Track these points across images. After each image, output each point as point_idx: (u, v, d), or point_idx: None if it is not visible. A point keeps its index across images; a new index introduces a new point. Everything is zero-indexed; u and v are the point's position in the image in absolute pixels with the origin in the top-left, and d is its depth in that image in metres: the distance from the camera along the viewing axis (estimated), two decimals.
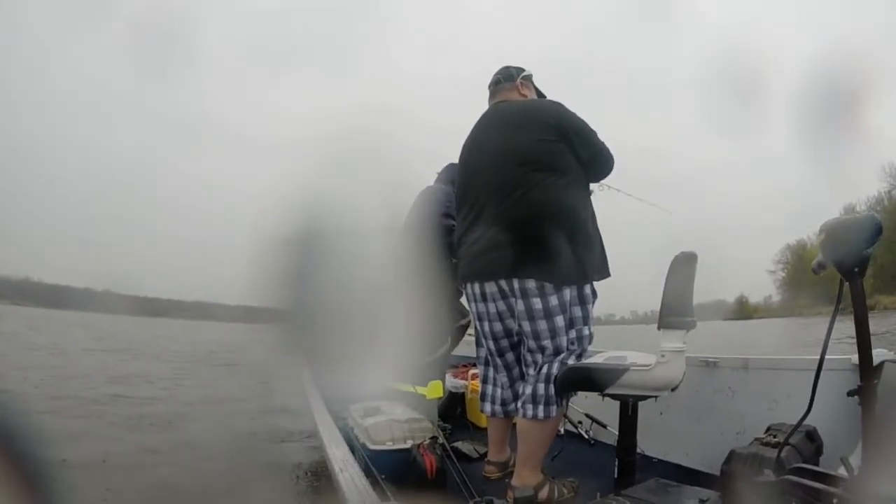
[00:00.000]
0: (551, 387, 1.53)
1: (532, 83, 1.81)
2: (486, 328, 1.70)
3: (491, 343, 1.72)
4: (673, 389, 1.42)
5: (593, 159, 1.61)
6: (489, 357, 1.76)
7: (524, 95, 1.77)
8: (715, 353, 1.85)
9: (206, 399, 4.93)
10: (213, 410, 4.44)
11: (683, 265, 1.43)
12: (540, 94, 1.83)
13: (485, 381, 1.80)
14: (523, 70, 1.80)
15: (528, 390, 1.56)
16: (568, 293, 1.55)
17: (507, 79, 1.78)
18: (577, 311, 1.59)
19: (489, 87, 1.82)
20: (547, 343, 1.55)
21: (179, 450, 3.13)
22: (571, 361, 1.54)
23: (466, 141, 1.78)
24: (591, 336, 1.63)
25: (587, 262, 1.57)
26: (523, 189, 1.54)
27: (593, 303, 1.64)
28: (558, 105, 1.66)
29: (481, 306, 1.68)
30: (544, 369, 1.55)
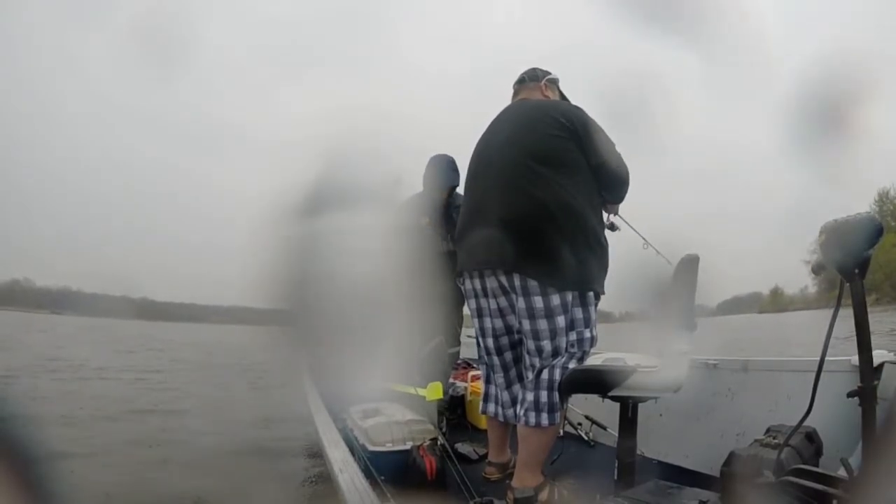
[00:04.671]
0: (554, 394, 1.52)
1: (557, 87, 1.81)
2: (486, 324, 1.69)
3: (490, 341, 1.70)
4: (676, 390, 1.42)
5: (603, 166, 1.57)
6: (487, 356, 1.74)
7: (546, 97, 1.77)
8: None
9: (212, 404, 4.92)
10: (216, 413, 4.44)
11: (687, 267, 1.43)
12: (563, 99, 1.81)
13: (486, 381, 1.78)
14: (549, 73, 1.80)
15: (530, 397, 1.54)
16: (570, 294, 1.54)
17: (532, 78, 1.79)
18: (579, 313, 1.57)
19: (514, 85, 1.82)
20: (546, 343, 1.54)
21: (180, 451, 3.13)
22: (573, 366, 1.53)
23: (482, 135, 1.77)
24: (593, 339, 1.60)
25: (592, 267, 1.55)
26: (529, 183, 1.52)
27: (596, 305, 1.62)
28: (576, 107, 1.65)
29: (482, 301, 1.67)
30: (544, 375, 1.53)
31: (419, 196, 2.54)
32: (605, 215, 1.74)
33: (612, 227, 1.78)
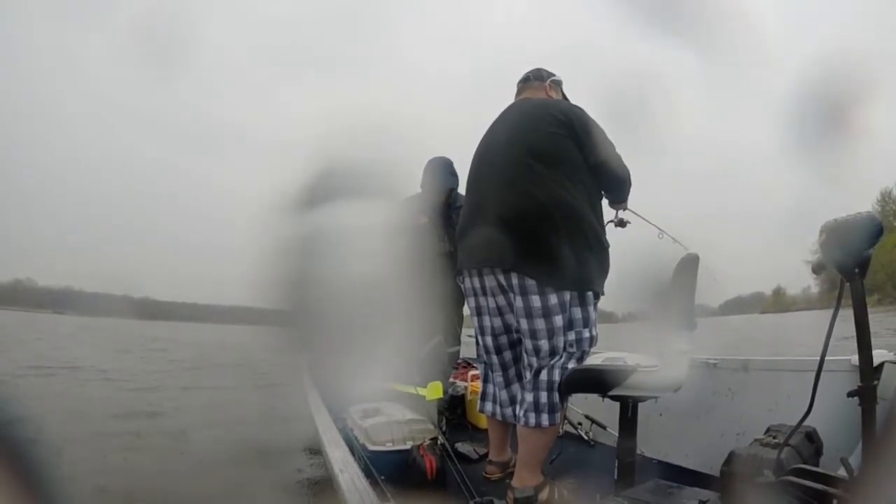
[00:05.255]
0: (554, 395, 1.51)
1: (560, 89, 1.81)
2: (485, 323, 1.68)
3: (489, 339, 1.69)
4: (676, 390, 1.42)
5: (602, 166, 1.56)
6: (485, 355, 1.74)
7: (549, 97, 1.76)
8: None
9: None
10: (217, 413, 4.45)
11: (687, 267, 1.43)
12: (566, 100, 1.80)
13: (485, 380, 1.78)
14: (554, 74, 1.80)
15: (530, 398, 1.53)
16: (568, 293, 1.54)
17: (537, 78, 1.79)
18: (578, 313, 1.56)
19: (518, 84, 1.82)
20: (543, 343, 1.53)
21: (180, 451, 3.13)
22: (572, 365, 1.53)
23: (484, 134, 1.76)
24: (592, 339, 1.59)
25: (591, 267, 1.54)
26: (528, 182, 1.52)
27: (595, 305, 1.61)
28: (577, 107, 1.65)
29: (481, 300, 1.67)
30: (543, 375, 1.53)
31: (418, 196, 2.54)
32: (612, 213, 1.73)
33: (622, 224, 1.76)
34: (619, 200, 1.73)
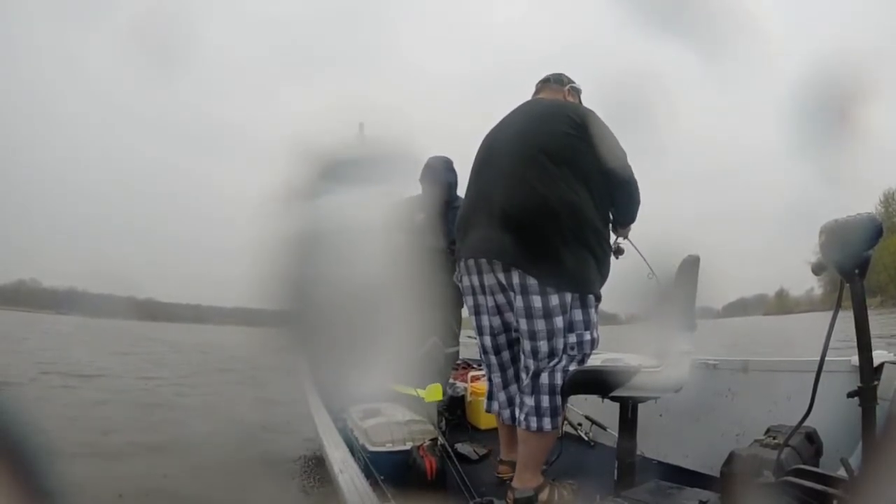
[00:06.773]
0: (556, 398, 1.50)
1: (579, 97, 1.78)
2: (484, 322, 1.66)
3: (487, 339, 1.67)
4: (677, 391, 1.42)
5: (611, 175, 1.54)
6: (484, 355, 1.72)
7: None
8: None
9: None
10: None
11: (689, 268, 1.43)
12: None
13: (490, 379, 1.76)
14: (574, 82, 1.79)
15: (530, 402, 1.52)
16: (569, 295, 1.52)
17: (557, 81, 1.78)
18: (579, 315, 1.54)
19: (536, 84, 1.81)
20: (542, 344, 1.51)
21: (180, 451, 3.13)
22: (573, 368, 1.52)
23: (493, 127, 1.74)
24: (594, 341, 1.57)
25: (593, 270, 1.53)
26: (535, 178, 1.50)
27: (596, 307, 1.59)
28: (592, 112, 1.63)
29: (479, 299, 1.65)
30: (545, 378, 1.51)
31: (417, 197, 2.54)
32: (612, 238, 1.68)
33: (618, 252, 1.71)
34: (626, 217, 1.69)
